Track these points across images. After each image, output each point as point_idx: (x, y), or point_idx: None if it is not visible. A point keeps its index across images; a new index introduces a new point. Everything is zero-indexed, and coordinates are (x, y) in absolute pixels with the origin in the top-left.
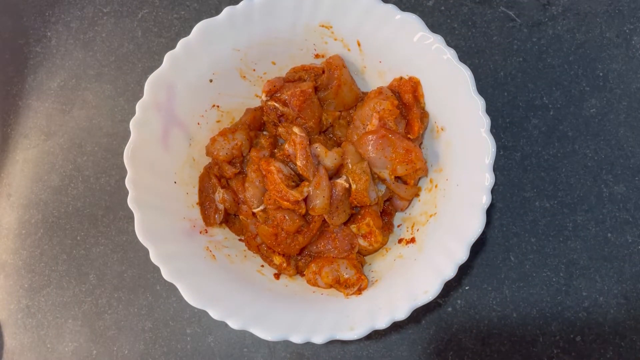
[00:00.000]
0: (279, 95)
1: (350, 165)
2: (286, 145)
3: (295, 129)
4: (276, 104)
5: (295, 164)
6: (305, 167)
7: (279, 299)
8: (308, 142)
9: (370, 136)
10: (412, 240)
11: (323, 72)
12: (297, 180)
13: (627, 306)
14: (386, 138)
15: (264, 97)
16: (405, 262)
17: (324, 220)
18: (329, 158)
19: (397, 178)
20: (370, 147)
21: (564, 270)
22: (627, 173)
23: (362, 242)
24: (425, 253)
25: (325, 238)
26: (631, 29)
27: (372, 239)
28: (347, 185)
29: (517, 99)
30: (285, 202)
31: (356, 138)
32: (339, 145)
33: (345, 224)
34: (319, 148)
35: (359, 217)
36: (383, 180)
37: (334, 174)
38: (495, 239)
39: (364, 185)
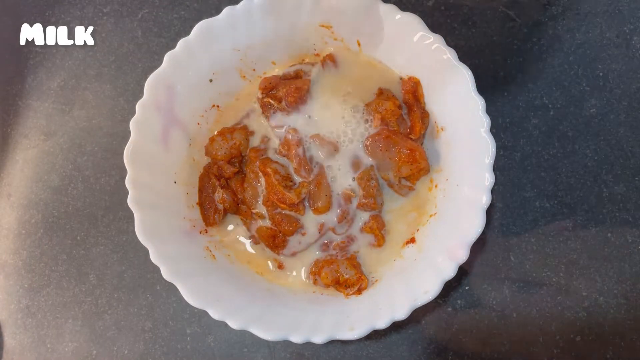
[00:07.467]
0: (274, 92)
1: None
2: (280, 147)
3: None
4: (271, 101)
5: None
6: (299, 169)
7: (279, 299)
8: (302, 142)
9: (375, 137)
10: (412, 240)
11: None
12: (296, 180)
13: (627, 306)
14: (390, 139)
15: (259, 94)
16: (405, 262)
17: None
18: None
19: (401, 179)
20: (375, 150)
21: (564, 270)
22: (627, 173)
23: None
24: (425, 253)
25: None
26: (631, 29)
27: None
28: (353, 195)
29: (517, 99)
30: (283, 205)
31: None
32: None
33: None
34: (317, 142)
35: None
36: (388, 182)
37: None
38: (495, 239)
39: (372, 192)
